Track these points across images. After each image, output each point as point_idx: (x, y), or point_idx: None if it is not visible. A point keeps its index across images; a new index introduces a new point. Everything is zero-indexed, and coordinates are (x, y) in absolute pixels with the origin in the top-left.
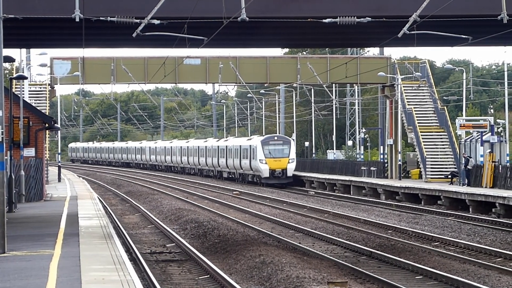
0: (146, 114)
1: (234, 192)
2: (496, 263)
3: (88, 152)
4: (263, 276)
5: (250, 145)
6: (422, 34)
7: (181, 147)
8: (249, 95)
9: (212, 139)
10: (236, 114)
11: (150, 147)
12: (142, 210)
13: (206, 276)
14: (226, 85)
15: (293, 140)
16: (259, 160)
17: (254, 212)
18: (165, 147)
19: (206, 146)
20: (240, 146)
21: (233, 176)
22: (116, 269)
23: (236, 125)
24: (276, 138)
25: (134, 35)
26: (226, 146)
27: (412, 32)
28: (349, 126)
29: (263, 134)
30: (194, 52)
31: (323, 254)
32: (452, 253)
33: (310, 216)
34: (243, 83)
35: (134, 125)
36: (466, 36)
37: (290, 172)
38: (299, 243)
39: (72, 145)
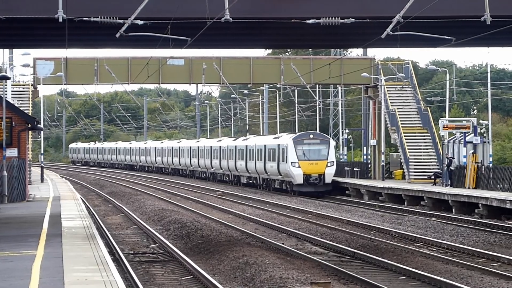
0: (129, 114)
1: (217, 192)
2: (479, 264)
3: (96, 154)
4: (246, 276)
5: (279, 145)
6: (405, 35)
7: (190, 147)
8: (232, 95)
9: (228, 138)
10: (219, 115)
11: (156, 148)
12: (125, 210)
13: (189, 277)
14: (209, 86)
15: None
16: (291, 163)
17: (238, 213)
18: (172, 147)
19: (220, 146)
20: (265, 146)
21: (254, 181)
22: (99, 269)
23: (220, 126)
24: (311, 136)
25: (117, 35)
26: (246, 146)
27: (396, 33)
28: (333, 127)
29: (246, 134)
30: (177, 53)
31: (306, 254)
32: (435, 254)
33: (294, 217)
34: (226, 83)
35: (117, 125)
36: (449, 37)
37: (329, 178)
38: (283, 243)
39: (73, 145)
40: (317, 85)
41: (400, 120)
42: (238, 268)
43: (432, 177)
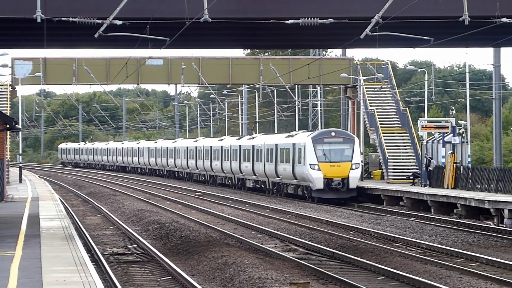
0: (108, 115)
1: (196, 193)
2: (457, 264)
3: (86, 154)
4: (225, 277)
5: (294, 144)
6: (384, 35)
7: (187, 147)
8: (211, 96)
9: (230, 137)
10: (198, 115)
11: (149, 148)
12: (104, 211)
13: (168, 278)
14: (188, 86)
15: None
16: (309, 165)
17: (217, 213)
18: (167, 147)
19: (222, 146)
20: (276, 145)
21: (262, 186)
22: (77, 270)
23: (199, 126)
24: (333, 133)
25: (96, 35)
26: (253, 145)
27: (375, 33)
28: (312, 127)
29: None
30: (156, 53)
31: (285, 255)
32: (414, 254)
33: (273, 217)
34: (205, 84)
35: (96, 126)
36: (428, 38)
37: (353, 183)
38: (262, 244)
39: (62, 146)
40: (296, 86)
41: (379, 120)
42: (217, 269)
43: (411, 177)
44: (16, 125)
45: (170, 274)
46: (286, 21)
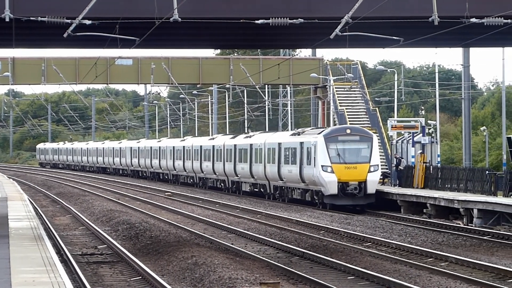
0: (77, 115)
1: (166, 193)
2: (427, 263)
3: (65, 155)
4: (195, 277)
5: (302, 143)
6: (354, 35)
7: (173, 147)
8: (181, 96)
9: (223, 136)
10: (168, 115)
11: (132, 148)
12: (73, 211)
13: (138, 278)
14: (158, 86)
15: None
16: (321, 166)
17: (187, 213)
18: (151, 147)
19: (213, 146)
20: (279, 144)
21: (262, 190)
22: (46, 270)
23: (169, 126)
24: (349, 131)
25: (65, 35)
26: (251, 145)
27: (344, 33)
28: (282, 127)
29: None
30: (126, 53)
31: (255, 255)
32: (383, 254)
33: (243, 217)
34: (175, 84)
35: (65, 126)
36: (397, 38)
37: (372, 187)
38: (232, 244)
39: (40, 146)
40: (266, 85)
41: (349, 120)
42: (187, 269)
43: (381, 177)
44: None
45: (140, 274)
46: (256, 21)
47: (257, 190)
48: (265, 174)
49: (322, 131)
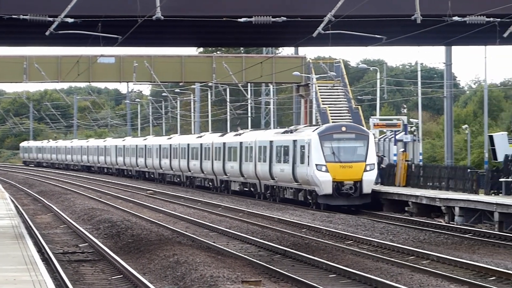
0: (59, 113)
1: (148, 191)
2: (408, 261)
3: (49, 153)
4: (177, 275)
5: (295, 141)
6: (336, 34)
7: (160, 145)
8: (164, 94)
9: (211, 134)
10: (150, 113)
11: (117, 146)
12: (54, 210)
13: (119, 276)
14: (140, 84)
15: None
16: (316, 165)
17: (168, 212)
18: (136, 146)
19: (201, 144)
20: (271, 142)
21: (252, 189)
22: (27, 269)
23: (151, 124)
24: (344, 128)
25: (47, 33)
26: (240, 143)
27: (327, 31)
28: (264, 125)
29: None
30: (108, 51)
31: (237, 253)
32: (365, 252)
33: (225, 215)
34: (157, 82)
35: (47, 124)
36: (380, 36)
37: (367, 187)
38: (214, 242)
39: (24, 144)
40: (248, 84)
41: (331, 119)
42: (168, 267)
43: None
44: None
45: (121, 272)
46: (239, 19)
47: (247, 189)
48: (255, 173)
49: (316, 128)
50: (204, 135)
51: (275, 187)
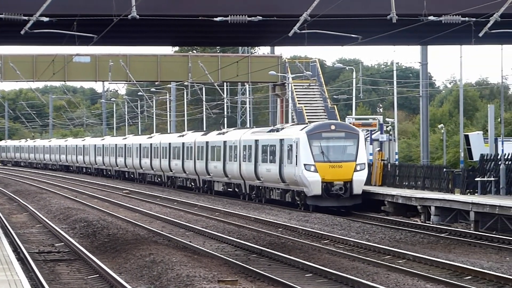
0: (34, 112)
1: (124, 191)
2: (385, 261)
3: (27, 153)
4: (153, 275)
5: (282, 140)
6: (312, 33)
7: (140, 144)
8: (139, 93)
9: (193, 133)
10: (126, 113)
11: (96, 145)
12: (30, 209)
13: (95, 276)
14: (116, 83)
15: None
16: (304, 165)
17: (145, 211)
18: (116, 145)
19: (183, 143)
20: (256, 141)
21: (236, 189)
22: (3, 269)
23: (127, 124)
24: (333, 127)
25: (22, 32)
26: (224, 142)
27: (303, 31)
28: (240, 125)
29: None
30: (83, 50)
31: (213, 252)
32: (341, 251)
33: (201, 215)
34: (133, 81)
35: (22, 123)
36: (356, 36)
37: (358, 188)
38: (190, 241)
39: (1, 143)
40: (224, 83)
41: (307, 118)
42: (145, 267)
43: None
44: None
45: (97, 272)
46: (215, 18)
47: (231, 190)
48: (240, 173)
49: (305, 127)
50: (186, 134)
51: (261, 187)
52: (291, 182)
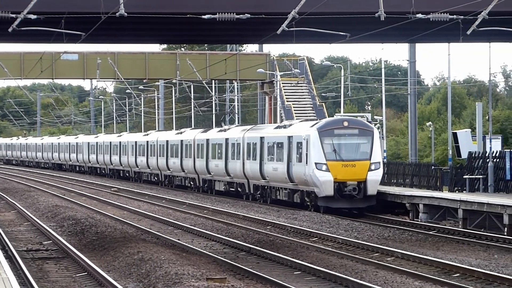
0: (22, 110)
1: (112, 188)
2: (373, 258)
3: (19, 151)
4: (141, 273)
5: (290, 137)
6: (301, 31)
7: (136, 142)
8: (127, 91)
9: (192, 130)
10: (114, 110)
11: (89, 143)
12: (18, 207)
13: (83, 274)
14: (104, 81)
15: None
16: (315, 164)
17: (133, 209)
18: (110, 143)
19: (182, 141)
20: (262, 139)
21: (239, 189)
22: None
23: (115, 121)
24: (346, 123)
25: (10, 30)
26: (226, 139)
27: (291, 29)
28: (229, 122)
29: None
30: (71, 48)
31: (202, 250)
32: (330, 249)
33: (190, 213)
34: (121, 78)
35: (10, 121)
36: (344, 33)
37: (372, 188)
38: (178, 239)
39: None
40: (213, 81)
41: (296, 116)
42: (133, 265)
43: None
44: None
45: (86, 270)
46: (203, 16)
47: (233, 189)
48: (243, 172)
49: (315, 123)
50: (184, 131)
51: (266, 187)
52: (300, 182)
